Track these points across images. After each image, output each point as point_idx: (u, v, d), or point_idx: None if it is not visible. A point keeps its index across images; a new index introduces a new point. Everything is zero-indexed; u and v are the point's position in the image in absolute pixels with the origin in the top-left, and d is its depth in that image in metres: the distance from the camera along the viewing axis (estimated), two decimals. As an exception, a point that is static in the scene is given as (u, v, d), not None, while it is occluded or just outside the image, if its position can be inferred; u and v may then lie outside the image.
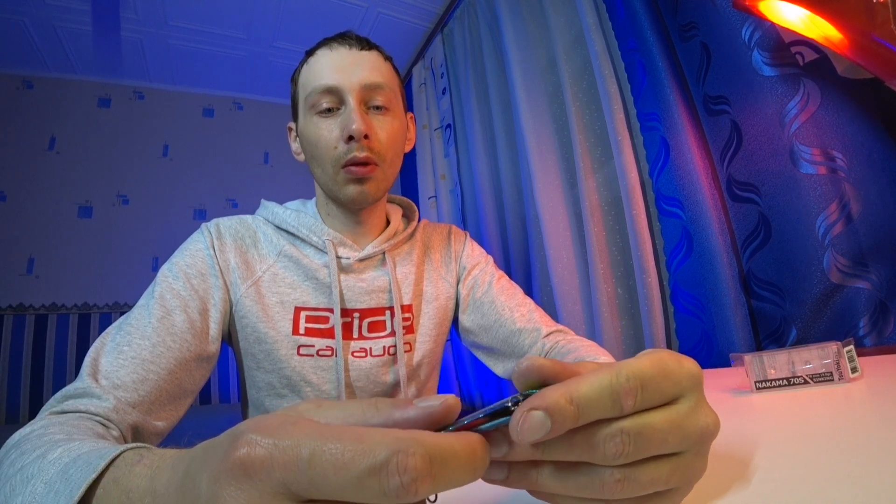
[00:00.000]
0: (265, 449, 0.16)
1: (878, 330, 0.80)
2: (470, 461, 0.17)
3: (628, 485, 0.20)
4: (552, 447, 0.21)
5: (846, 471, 0.27)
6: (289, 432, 0.16)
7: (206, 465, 0.17)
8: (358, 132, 0.59)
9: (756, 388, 0.54)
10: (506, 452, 0.21)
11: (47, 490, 0.25)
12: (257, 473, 0.16)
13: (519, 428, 0.19)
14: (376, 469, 0.15)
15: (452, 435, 0.17)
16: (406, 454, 0.15)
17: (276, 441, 0.16)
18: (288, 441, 0.16)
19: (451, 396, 0.20)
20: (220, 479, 0.16)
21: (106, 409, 0.44)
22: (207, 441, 0.19)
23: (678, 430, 0.21)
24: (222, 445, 0.17)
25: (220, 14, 2.22)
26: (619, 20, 1.22)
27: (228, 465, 0.16)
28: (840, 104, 0.85)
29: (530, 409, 0.19)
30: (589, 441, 0.20)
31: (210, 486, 0.16)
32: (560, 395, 0.19)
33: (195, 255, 0.61)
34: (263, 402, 0.65)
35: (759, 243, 0.95)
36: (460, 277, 0.77)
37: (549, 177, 1.47)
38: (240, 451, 0.16)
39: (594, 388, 0.20)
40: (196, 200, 2.73)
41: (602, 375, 0.20)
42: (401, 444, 0.16)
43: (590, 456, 0.20)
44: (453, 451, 0.17)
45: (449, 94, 2.15)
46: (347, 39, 0.64)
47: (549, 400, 0.19)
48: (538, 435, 0.19)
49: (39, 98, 2.52)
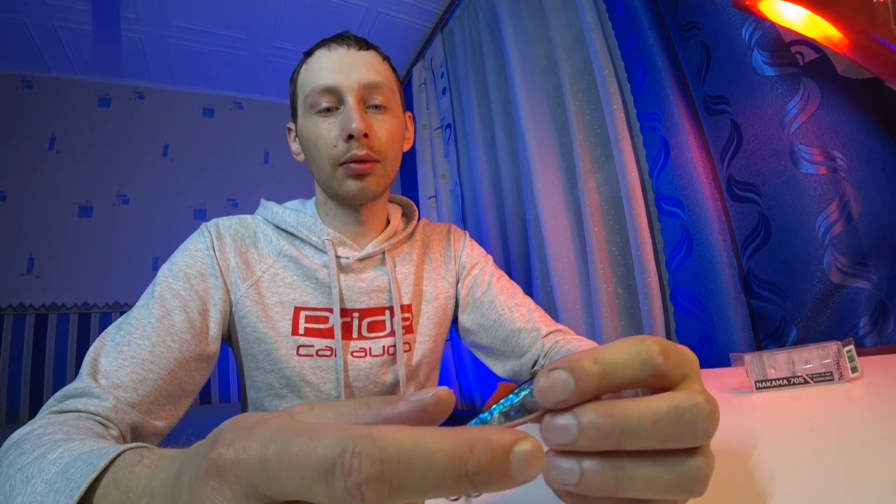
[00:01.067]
0: (235, 449, 0.15)
1: (878, 330, 0.79)
2: (454, 462, 0.14)
3: (707, 478, 0.19)
4: (635, 428, 0.18)
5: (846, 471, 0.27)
6: (259, 431, 0.16)
7: (189, 468, 0.17)
8: (357, 131, 0.59)
9: (756, 388, 0.54)
10: (575, 437, 0.18)
11: (48, 489, 0.25)
12: (229, 475, 0.15)
13: (541, 387, 0.18)
14: (323, 470, 0.14)
15: (431, 432, 0.14)
16: (352, 454, 0.13)
17: (245, 441, 0.15)
18: (256, 440, 0.15)
19: (443, 389, 0.19)
20: (199, 480, 0.16)
21: (105, 408, 0.44)
22: (198, 442, 0.19)
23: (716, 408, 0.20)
24: (204, 446, 0.17)
25: (220, 14, 2.22)
26: (619, 20, 1.22)
27: (204, 465, 0.16)
28: (840, 104, 0.85)
29: (552, 369, 0.19)
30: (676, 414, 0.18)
31: (191, 486, 0.16)
32: (583, 356, 0.19)
33: (195, 255, 0.61)
34: (263, 403, 0.65)
35: (759, 243, 0.95)
36: (460, 277, 0.77)
37: (549, 177, 1.47)
38: (214, 452, 0.16)
39: (619, 350, 0.20)
40: (196, 200, 2.73)
41: (625, 341, 0.20)
42: (350, 442, 0.14)
43: (677, 433, 0.18)
44: (422, 451, 0.14)
45: (449, 93, 2.15)
46: (346, 40, 0.64)
47: (572, 359, 0.19)
48: (561, 395, 0.18)
49: (39, 98, 2.52)
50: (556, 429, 0.19)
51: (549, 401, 0.18)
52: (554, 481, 0.19)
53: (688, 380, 0.21)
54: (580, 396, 0.18)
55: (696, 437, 0.19)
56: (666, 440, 0.19)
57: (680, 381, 0.21)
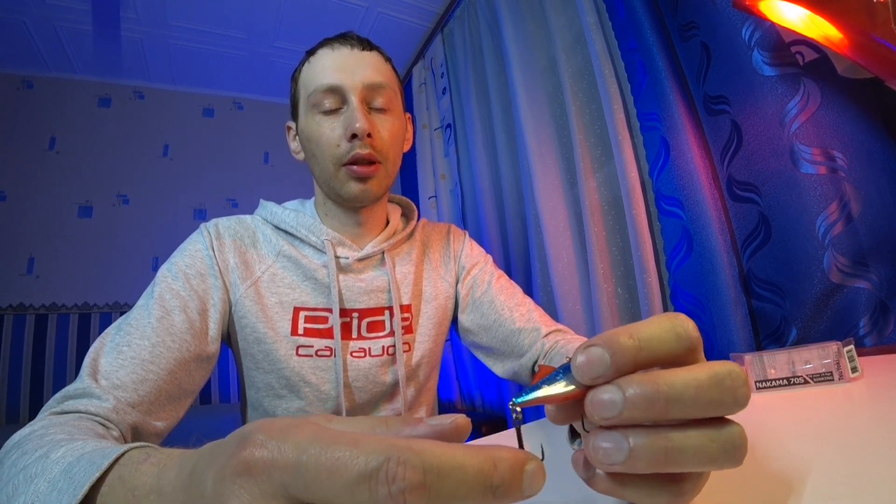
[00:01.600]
0: (268, 450, 0.16)
1: (878, 330, 0.80)
2: (480, 476, 0.15)
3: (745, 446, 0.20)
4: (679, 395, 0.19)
5: (846, 471, 0.27)
6: (292, 434, 0.16)
7: (213, 464, 0.17)
8: (361, 131, 0.59)
9: (756, 388, 0.54)
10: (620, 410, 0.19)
11: (50, 489, 0.25)
12: (259, 474, 0.16)
13: (578, 363, 0.19)
14: (366, 476, 0.15)
15: (460, 447, 0.16)
16: (397, 462, 0.15)
17: (279, 443, 0.16)
18: (290, 443, 0.16)
19: (461, 417, 0.20)
20: (225, 478, 0.16)
21: (106, 409, 0.44)
22: (215, 441, 0.19)
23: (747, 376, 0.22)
24: (229, 444, 0.17)
25: (220, 14, 2.22)
26: (619, 20, 1.22)
27: (233, 463, 0.16)
28: (840, 104, 0.85)
29: (588, 345, 0.19)
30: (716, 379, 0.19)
31: (215, 484, 0.17)
32: (619, 331, 0.19)
33: (194, 255, 0.61)
34: (262, 403, 0.65)
35: (759, 243, 0.95)
36: (459, 277, 0.77)
37: (549, 177, 1.47)
38: (245, 451, 0.16)
39: (654, 325, 0.20)
40: (196, 200, 2.73)
41: (659, 317, 0.20)
42: (394, 451, 0.15)
43: (720, 398, 0.19)
44: (457, 464, 0.15)
45: (449, 93, 2.15)
46: (349, 40, 0.64)
47: (609, 335, 0.19)
48: (598, 370, 0.18)
49: (39, 98, 2.51)
50: (602, 402, 0.19)
51: (586, 376, 0.19)
52: (601, 462, 0.20)
53: None
54: (616, 371, 0.19)
55: (737, 403, 0.19)
56: (709, 407, 0.19)
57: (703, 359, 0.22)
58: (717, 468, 0.20)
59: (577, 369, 0.19)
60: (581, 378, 0.19)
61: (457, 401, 2.13)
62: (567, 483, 0.32)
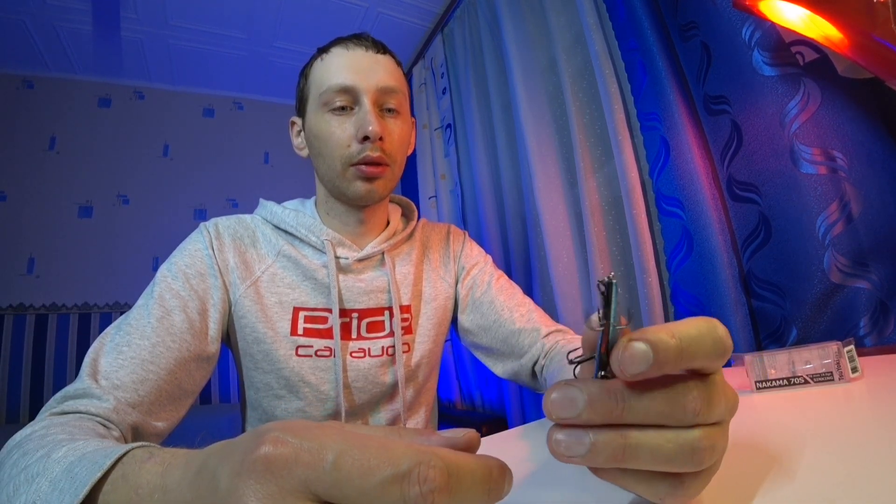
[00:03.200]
0: (290, 447, 0.17)
1: (878, 330, 0.79)
2: (485, 481, 0.17)
3: (711, 452, 0.20)
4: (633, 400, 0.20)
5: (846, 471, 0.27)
6: (315, 434, 0.17)
7: (228, 461, 0.18)
8: (374, 134, 0.59)
9: (756, 388, 0.54)
10: (580, 411, 0.20)
11: (52, 488, 0.25)
12: (280, 470, 0.16)
13: (621, 357, 0.19)
14: (399, 477, 0.16)
15: (469, 455, 0.18)
16: (428, 466, 0.16)
17: (301, 441, 0.17)
18: (314, 442, 0.17)
19: (472, 432, 0.21)
20: (243, 474, 0.16)
21: (106, 409, 0.44)
22: (225, 441, 0.20)
23: (726, 397, 0.22)
24: (245, 442, 0.18)
25: (221, 14, 2.22)
26: (619, 20, 1.22)
27: (252, 459, 0.16)
28: (840, 104, 0.85)
29: (630, 339, 0.19)
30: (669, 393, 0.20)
31: (231, 479, 0.17)
32: (660, 329, 0.20)
33: (194, 254, 0.61)
34: (261, 403, 0.65)
35: (759, 243, 0.95)
36: (459, 277, 0.77)
37: (549, 177, 1.47)
38: (265, 448, 0.17)
39: (693, 327, 0.20)
40: (196, 200, 2.73)
41: (697, 319, 0.21)
42: (423, 456, 0.16)
43: (670, 409, 0.20)
44: (470, 469, 0.17)
45: (449, 94, 2.15)
46: (364, 41, 0.64)
47: (651, 332, 0.19)
48: (641, 367, 0.19)
49: (39, 98, 2.51)
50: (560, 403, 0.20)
51: (627, 372, 0.19)
52: (562, 455, 0.21)
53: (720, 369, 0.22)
54: (658, 370, 0.19)
55: (685, 416, 0.20)
56: (659, 418, 0.20)
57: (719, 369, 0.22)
58: (677, 469, 0.21)
59: (619, 364, 0.19)
60: (620, 374, 0.19)
61: (457, 401, 2.13)
62: (566, 481, 0.32)
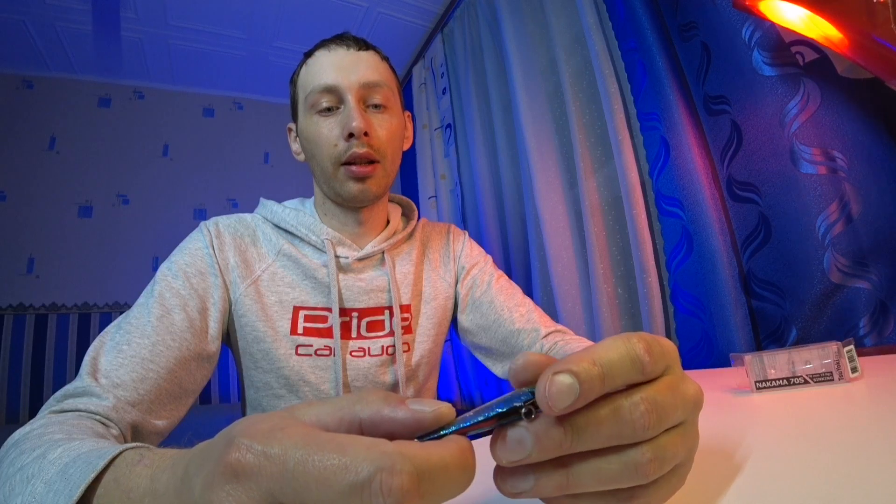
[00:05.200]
0: (255, 456, 0.16)
1: (878, 330, 0.79)
2: (461, 472, 0.16)
3: (658, 463, 0.20)
4: (581, 431, 0.19)
5: (846, 471, 0.27)
6: (278, 439, 0.16)
7: (201, 469, 0.17)
8: (358, 129, 0.60)
9: (756, 388, 0.54)
10: (529, 452, 0.19)
11: (47, 490, 0.25)
12: (248, 479, 0.15)
13: (547, 393, 0.18)
14: (358, 487, 0.14)
15: (443, 445, 0.16)
16: (392, 472, 0.14)
17: (265, 448, 0.16)
18: (276, 449, 0.16)
19: (444, 405, 0.19)
20: (213, 484, 0.16)
21: (106, 407, 0.44)
22: (205, 442, 0.19)
23: (681, 397, 0.21)
24: (216, 448, 0.17)
25: (220, 14, 2.22)
26: (619, 20, 1.22)
27: (220, 468, 0.16)
28: (840, 104, 0.85)
29: (555, 373, 0.18)
30: (617, 414, 0.19)
31: (203, 488, 0.17)
32: (582, 357, 0.19)
33: (194, 253, 0.61)
34: (262, 402, 0.65)
35: (759, 243, 0.95)
36: (459, 277, 0.77)
37: (549, 177, 1.47)
38: (231, 456, 0.16)
39: (613, 351, 0.20)
40: (196, 200, 2.73)
41: (615, 341, 0.20)
42: (385, 460, 0.14)
43: (619, 431, 0.19)
44: (444, 465, 0.15)
45: (449, 93, 2.15)
46: (345, 40, 0.65)
47: (573, 363, 0.19)
48: (567, 401, 0.18)
49: (39, 98, 2.51)
50: (510, 447, 0.19)
51: (556, 407, 0.18)
52: (508, 491, 0.20)
53: (669, 371, 0.22)
54: (584, 400, 0.18)
55: (635, 433, 0.20)
56: (611, 439, 0.20)
57: (661, 374, 0.21)
58: (624, 485, 0.20)
59: (546, 399, 0.18)
60: (549, 408, 0.18)
61: (457, 401, 2.13)
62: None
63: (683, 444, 0.21)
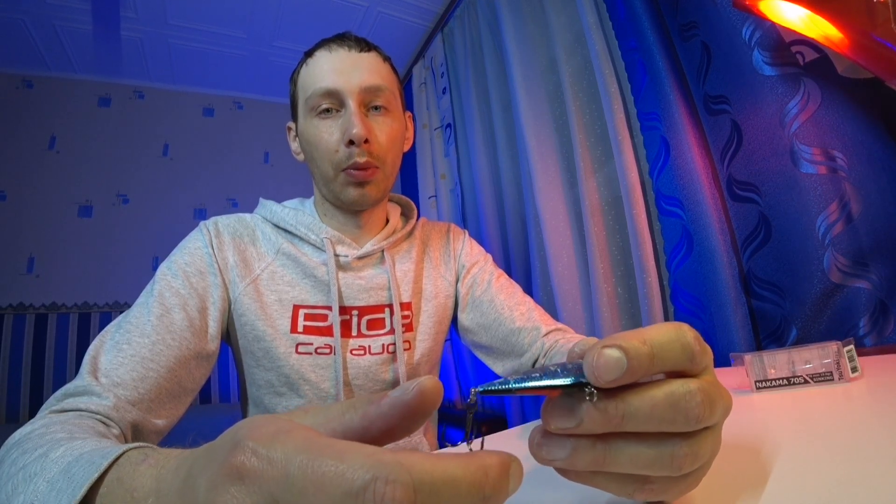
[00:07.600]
0: (259, 459, 0.16)
1: (878, 330, 0.79)
2: (475, 488, 0.15)
3: (692, 458, 0.20)
4: (635, 411, 0.20)
5: (846, 471, 0.27)
6: (282, 443, 0.16)
7: (206, 470, 0.17)
8: (358, 137, 0.59)
9: (756, 388, 0.54)
10: (581, 420, 0.19)
11: (50, 488, 0.25)
12: (252, 483, 0.15)
13: (595, 364, 0.19)
14: (353, 495, 0.14)
15: (458, 458, 0.15)
16: (386, 482, 0.14)
17: (269, 452, 0.16)
18: (279, 453, 0.15)
19: (427, 379, 0.18)
20: (218, 486, 0.16)
21: (106, 407, 0.44)
22: (209, 443, 0.19)
23: (723, 399, 0.21)
24: (222, 449, 0.17)
25: (220, 14, 2.22)
26: (620, 20, 1.22)
27: (225, 471, 0.16)
28: (840, 104, 0.85)
29: (603, 346, 0.19)
30: (671, 399, 0.20)
31: (208, 489, 0.17)
32: (632, 335, 0.19)
33: (194, 253, 0.61)
34: (263, 400, 0.65)
35: (759, 243, 0.95)
36: (459, 276, 0.77)
37: (549, 177, 1.47)
38: (236, 459, 0.16)
39: (663, 334, 0.20)
40: (196, 200, 2.73)
41: (665, 325, 0.21)
42: (382, 469, 0.14)
43: (671, 416, 0.20)
44: (450, 479, 0.14)
45: (449, 93, 2.15)
46: (346, 41, 0.64)
47: (622, 339, 0.19)
48: (614, 374, 0.18)
49: (39, 98, 2.51)
50: (563, 415, 0.20)
51: (601, 379, 0.19)
52: (542, 458, 0.20)
53: (707, 370, 0.22)
54: (631, 376, 0.19)
55: (688, 422, 0.20)
56: (662, 424, 0.20)
57: (702, 371, 0.22)
58: (654, 473, 0.20)
59: (592, 371, 0.19)
60: (596, 380, 0.19)
61: (457, 400, 2.13)
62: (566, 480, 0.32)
63: (713, 446, 0.22)
